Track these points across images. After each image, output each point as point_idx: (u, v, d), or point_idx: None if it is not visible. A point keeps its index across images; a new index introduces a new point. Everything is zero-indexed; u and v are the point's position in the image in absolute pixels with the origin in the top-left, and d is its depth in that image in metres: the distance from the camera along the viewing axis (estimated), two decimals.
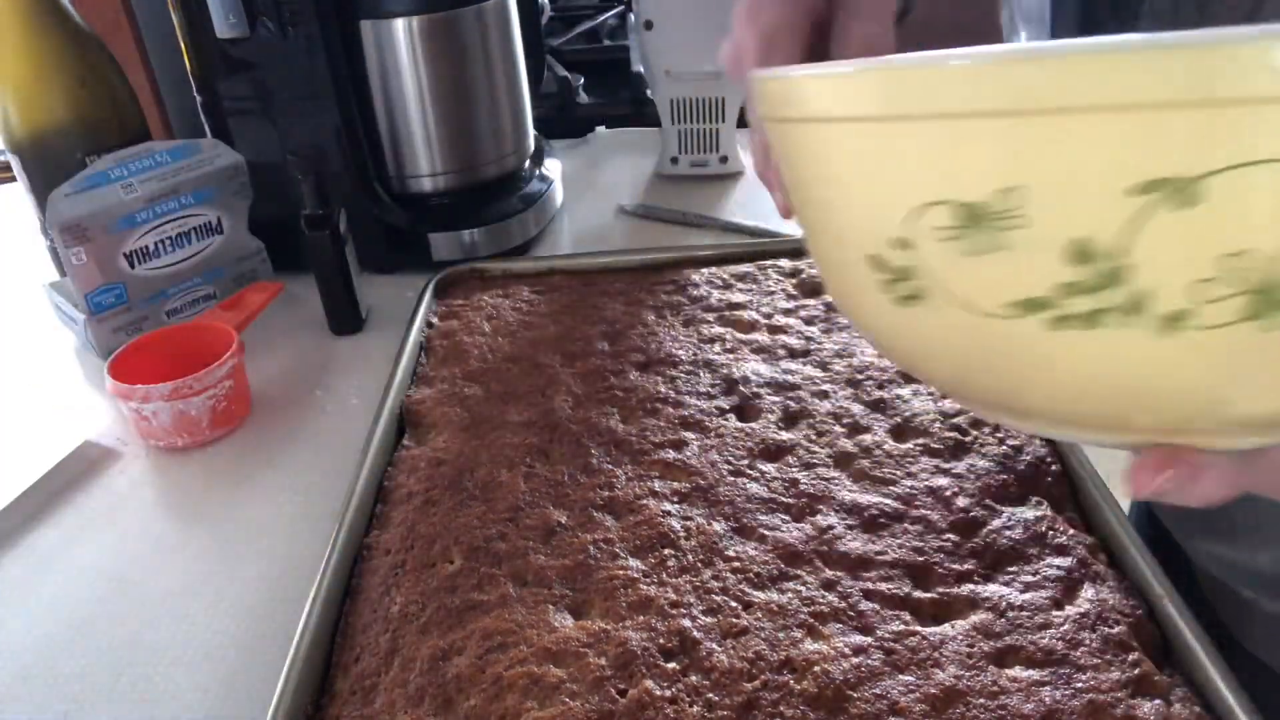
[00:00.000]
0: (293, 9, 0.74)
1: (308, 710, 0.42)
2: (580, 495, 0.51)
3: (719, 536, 0.48)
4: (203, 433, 0.65)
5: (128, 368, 0.65)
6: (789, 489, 0.51)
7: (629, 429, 0.56)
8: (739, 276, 0.71)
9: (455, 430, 0.57)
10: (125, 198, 0.72)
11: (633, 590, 0.45)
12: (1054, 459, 0.52)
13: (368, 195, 0.82)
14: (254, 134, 0.80)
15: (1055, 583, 0.45)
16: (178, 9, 0.77)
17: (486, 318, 0.69)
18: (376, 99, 0.80)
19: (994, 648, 0.42)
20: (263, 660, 0.49)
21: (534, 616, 0.44)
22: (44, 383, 0.75)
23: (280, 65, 0.77)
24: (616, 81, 1.23)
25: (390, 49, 0.78)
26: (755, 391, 0.59)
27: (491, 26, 0.82)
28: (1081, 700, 0.39)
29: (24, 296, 0.87)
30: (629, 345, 0.64)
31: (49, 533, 0.59)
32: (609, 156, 1.09)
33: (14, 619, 0.53)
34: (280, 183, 0.78)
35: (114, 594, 0.54)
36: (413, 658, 0.43)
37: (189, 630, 0.51)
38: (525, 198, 0.87)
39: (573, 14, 1.46)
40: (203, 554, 0.57)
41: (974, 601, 0.44)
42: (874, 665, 0.41)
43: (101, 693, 0.48)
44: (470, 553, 0.48)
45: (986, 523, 0.48)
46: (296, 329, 0.79)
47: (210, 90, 0.80)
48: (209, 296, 0.80)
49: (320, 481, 0.61)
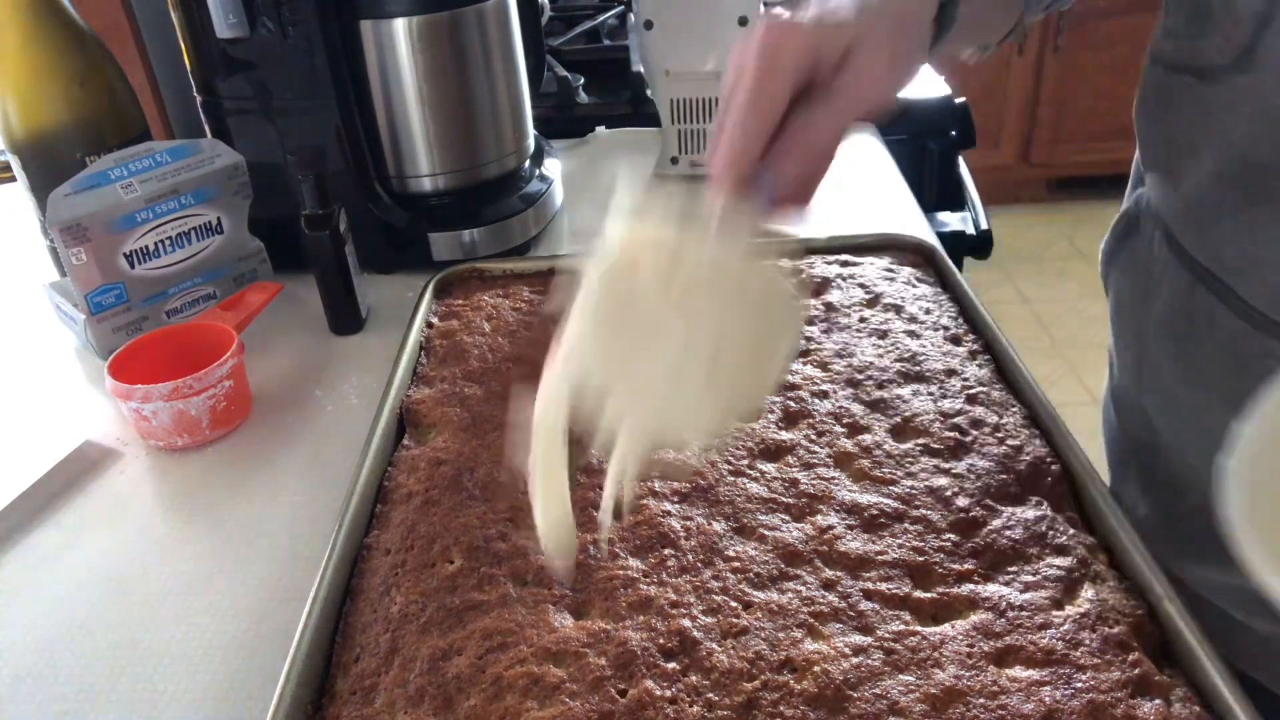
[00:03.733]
0: (293, 9, 0.74)
1: (308, 710, 0.42)
2: (580, 495, 0.51)
3: (719, 536, 0.48)
4: (203, 433, 0.65)
5: (128, 368, 0.65)
6: (789, 489, 0.51)
7: None
8: None
9: (455, 430, 0.57)
10: (125, 198, 0.72)
11: (633, 590, 0.45)
12: (1054, 459, 0.52)
13: (368, 195, 0.82)
14: (254, 134, 0.80)
15: (1055, 583, 0.45)
16: (178, 9, 0.77)
17: (486, 318, 0.69)
18: (376, 99, 0.80)
19: (994, 648, 0.42)
20: (263, 660, 0.49)
21: (534, 616, 0.44)
22: (44, 383, 0.75)
23: (280, 65, 0.77)
24: (616, 81, 1.23)
25: (390, 49, 0.78)
26: None
27: (491, 26, 0.82)
28: (1081, 700, 0.39)
29: (24, 296, 0.87)
30: None
31: (49, 533, 0.59)
32: (609, 156, 1.09)
33: (14, 619, 0.53)
34: (280, 183, 0.78)
35: (114, 594, 0.54)
36: (413, 658, 0.43)
37: (189, 630, 0.51)
38: (525, 198, 0.87)
39: (573, 14, 1.45)
40: (203, 554, 0.57)
41: (974, 601, 0.44)
42: (874, 665, 0.41)
43: (101, 693, 0.48)
44: (470, 553, 0.48)
45: (986, 523, 0.48)
46: (296, 329, 0.79)
47: (210, 90, 0.80)
48: (209, 296, 0.80)
49: (320, 481, 0.61)
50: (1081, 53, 2.82)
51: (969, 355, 0.61)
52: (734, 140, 0.41)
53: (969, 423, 0.55)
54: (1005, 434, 0.54)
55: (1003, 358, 0.61)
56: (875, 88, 0.43)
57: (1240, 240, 0.52)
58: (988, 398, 0.57)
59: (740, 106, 0.41)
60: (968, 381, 0.58)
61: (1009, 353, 0.60)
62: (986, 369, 0.60)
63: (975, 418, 0.55)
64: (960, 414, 0.55)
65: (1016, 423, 0.55)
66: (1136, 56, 0.59)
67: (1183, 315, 0.58)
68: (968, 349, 0.62)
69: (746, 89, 0.41)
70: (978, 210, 1.19)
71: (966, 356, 0.61)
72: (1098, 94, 2.88)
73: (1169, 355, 0.60)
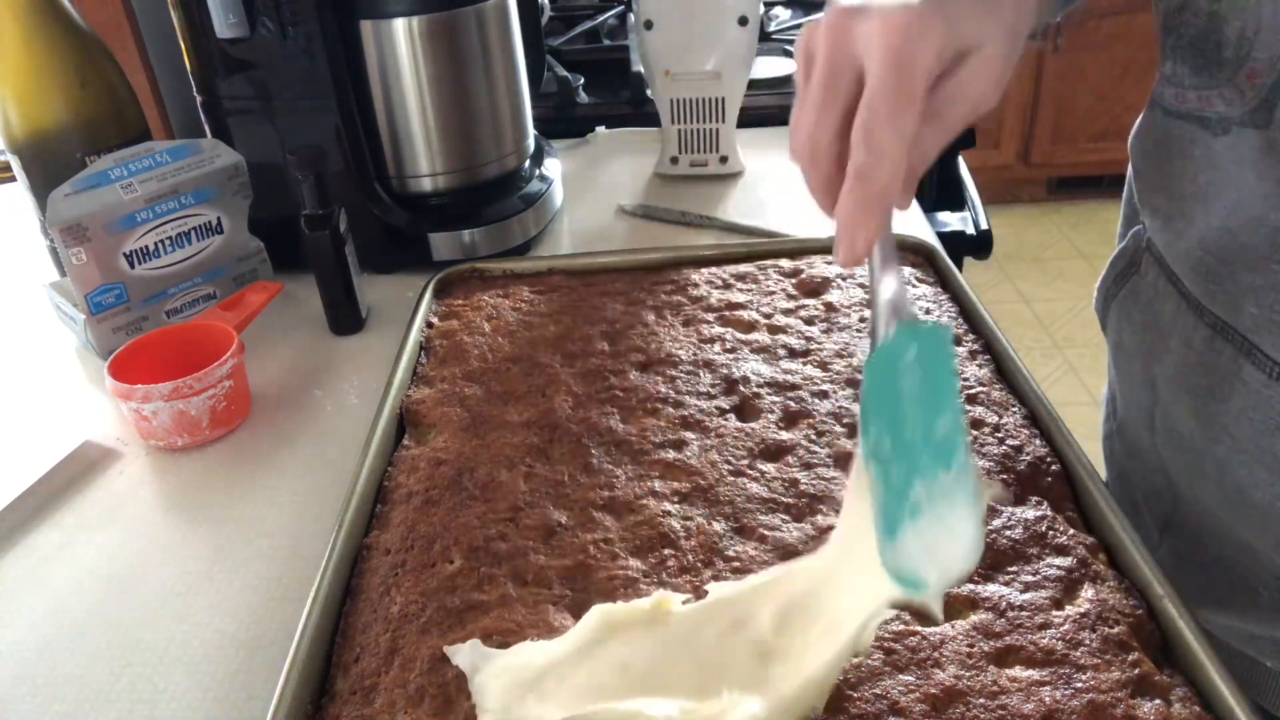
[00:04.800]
0: (293, 9, 0.74)
1: (308, 710, 0.42)
2: (580, 495, 0.51)
3: (719, 536, 0.48)
4: (203, 433, 0.65)
5: (128, 368, 0.65)
6: (789, 489, 0.51)
7: (629, 429, 0.56)
8: (739, 276, 0.71)
9: (455, 430, 0.57)
10: (125, 198, 0.72)
11: (633, 590, 0.45)
12: (1054, 459, 0.52)
13: (368, 195, 0.82)
14: (254, 134, 0.80)
15: (1055, 583, 0.45)
16: (178, 9, 0.77)
17: (486, 318, 0.69)
18: (376, 99, 0.80)
19: (994, 648, 0.42)
20: (263, 660, 0.49)
21: (534, 616, 0.44)
22: (44, 383, 0.75)
23: (280, 65, 0.77)
24: (616, 81, 1.23)
25: (390, 49, 0.78)
26: (755, 391, 0.59)
27: (491, 26, 0.82)
28: (1081, 700, 0.39)
29: (24, 296, 0.87)
30: (629, 345, 0.64)
31: (49, 533, 0.59)
32: (609, 156, 1.09)
33: (14, 619, 0.53)
34: (280, 183, 0.78)
35: (114, 594, 0.54)
36: (413, 658, 0.43)
37: (189, 630, 0.51)
38: (525, 198, 0.87)
39: (573, 14, 1.46)
40: (203, 554, 0.57)
41: (974, 601, 0.44)
42: (874, 665, 0.41)
43: (101, 693, 0.48)
44: (470, 553, 0.48)
45: (986, 522, 0.48)
46: (296, 329, 0.79)
47: (210, 90, 0.80)
48: (209, 296, 0.80)
49: (320, 481, 0.61)
50: (1081, 53, 2.82)
51: (969, 355, 0.61)
52: (894, 162, 0.37)
53: (969, 423, 0.55)
54: (1005, 434, 0.54)
55: (1003, 358, 0.61)
56: (985, 102, 0.39)
57: (1260, 295, 0.48)
58: (988, 398, 0.57)
59: (885, 121, 0.36)
60: (968, 381, 0.58)
61: (1009, 353, 0.60)
62: (986, 369, 0.60)
63: (975, 418, 0.55)
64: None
65: (1016, 423, 0.55)
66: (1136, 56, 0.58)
67: (1200, 370, 0.54)
68: (967, 349, 0.62)
69: (887, 103, 0.36)
70: (977, 210, 1.19)
71: (966, 356, 0.61)
72: (1098, 94, 2.88)
73: (1186, 409, 0.56)
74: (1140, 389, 0.62)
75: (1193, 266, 0.53)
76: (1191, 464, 0.58)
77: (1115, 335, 0.65)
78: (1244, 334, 0.50)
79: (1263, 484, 0.51)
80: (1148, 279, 0.60)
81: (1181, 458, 0.59)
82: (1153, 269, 0.59)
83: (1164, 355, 0.58)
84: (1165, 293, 0.57)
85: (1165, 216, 0.56)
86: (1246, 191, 0.48)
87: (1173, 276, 0.56)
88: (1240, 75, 0.47)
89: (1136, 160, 0.59)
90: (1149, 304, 0.59)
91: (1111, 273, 0.65)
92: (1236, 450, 0.53)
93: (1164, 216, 0.56)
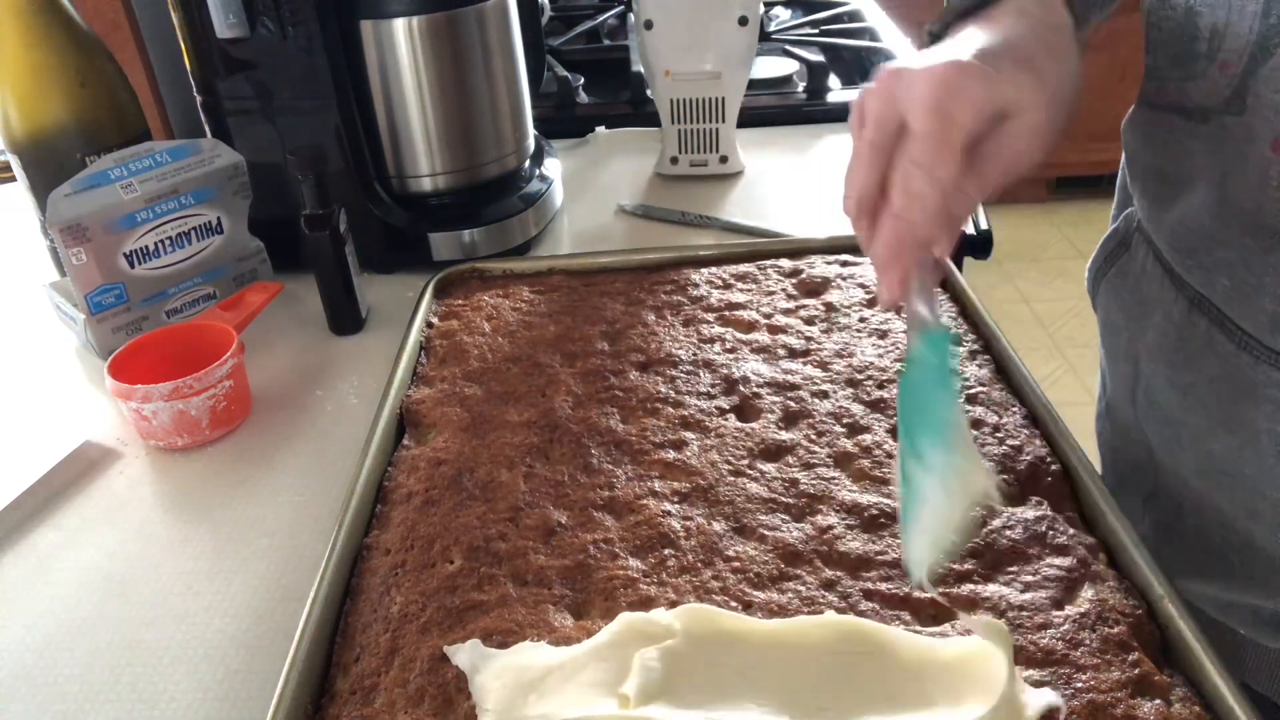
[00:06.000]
0: (293, 9, 0.74)
1: (308, 710, 0.42)
2: (580, 495, 0.51)
3: (719, 536, 0.48)
4: (203, 433, 0.65)
5: (128, 368, 0.65)
6: (789, 489, 0.51)
7: (629, 429, 0.56)
8: (739, 276, 0.71)
9: (455, 430, 0.57)
10: (125, 198, 0.72)
11: (633, 590, 0.45)
12: (1054, 459, 0.52)
13: (368, 195, 0.82)
14: (254, 134, 0.80)
15: (1055, 583, 0.45)
16: (178, 9, 0.77)
17: (486, 318, 0.69)
18: (376, 99, 0.80)
19: None
20: (263, 660, 0.49)
21: (534, 616, 0.44)
22: (44, 383, 0.75)
23: (280, 65, 0.77)
24: (616, 81, 1.23)
25: (390, 49, 0.78)
26: (755, 391, 0.59)
27: (491, 26, 0.82)
28: (1081, 700, 0.39)
29: (24, 296, 0.87)
30: (629, 345, 0.64)
31: (49, 533, 0.59)
32: (609, 156, 1.09)
33: (14, 619, 0.53)
34: (280, 183, 0.78)
35: (114, 594, 0.54)
36: (413, 658, 0.43)
37: (189, 630, 0.51)
38: (525, 198, 0.87)
39: (573, 14, 1.45)
40: (203, 554, 0.57)
41: (974, 601, 0.44)
42: None
43: (101, 693, 0.48)
44: (470, 553, 0.48)
45: (986, 523, 0.48)
46: (296, 329, 0.79)
47: (210, 90, 0.80)
48: (209, 296, 0.80)
49: (320, 481, 0.61)
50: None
51: (969, 355, 0.61)
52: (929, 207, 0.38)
53: (969, 422, 0.55)
54: (1005, 434, 0.54)
55: (1003, 358, 0.61)
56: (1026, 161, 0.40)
57: (1234, 269, 0.52)
58: (988, 398, 0.57)
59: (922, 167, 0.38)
60: (968, 381, 0.58)
61: (1009, 353, 0.60)
62: (986, 369, 0.60)
63: (975, 418, 0.55)
64: None
65: (1016, 423, 0.55)
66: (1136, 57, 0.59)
67: (1177, 340, 0.57)
68: (968, 349, 0.62)
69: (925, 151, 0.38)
70: (977, 210, 1.19)
71: (966, 356, 0.61)
72: (1098, 94, 2.86)
73: (1164, 379, 0.59)
74: (1125, 364, 0.65)
75: (1174, 242, 0.57)
76: (1170, 435, 0.60)
77: (1104, 312, 0.68)
78: (1218, 305, 0.53)
79: (1231, 450, 0.54)
80: (1137, 258, 0.63)
81: (1161, 429, 0.61)
82: (1141, 248, 0.62)
83: (1147, 330, 0.61)
84: (1151, 270, 0.60)
85: (1153, 197, 0.59)
86: (1224, 175, 0.51)
87: (1159, 254, 0.59)
88: (1214, 67, 0.50)
89: (1128, 146, 0.62)
90: (1136, 281, 0.62)
91: (1102, 252, 0.68)
92: (1208, 418, 0.56)
93: (1152, 196, 0.59)
